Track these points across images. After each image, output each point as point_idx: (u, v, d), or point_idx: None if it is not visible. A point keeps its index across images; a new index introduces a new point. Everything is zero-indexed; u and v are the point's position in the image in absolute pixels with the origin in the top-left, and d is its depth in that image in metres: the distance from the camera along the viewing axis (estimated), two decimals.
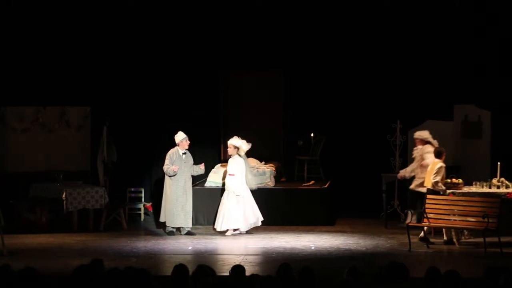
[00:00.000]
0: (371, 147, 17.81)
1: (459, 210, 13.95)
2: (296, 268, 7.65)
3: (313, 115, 18.53)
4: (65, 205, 15.86)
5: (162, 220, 15.67)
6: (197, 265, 7.66)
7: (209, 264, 8.01)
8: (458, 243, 14.20)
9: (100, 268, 7.84)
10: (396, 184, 16.91)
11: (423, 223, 14.11)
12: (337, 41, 18.35)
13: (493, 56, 17.76)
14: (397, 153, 17.40)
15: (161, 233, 15.72)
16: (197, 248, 14.26)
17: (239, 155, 15.75)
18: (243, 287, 7.46)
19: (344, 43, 18.35)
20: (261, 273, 8.39)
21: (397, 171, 16.68)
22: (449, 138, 17.29)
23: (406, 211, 15.09)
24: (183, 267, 7.52)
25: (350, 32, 18.28)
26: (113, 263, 11.40)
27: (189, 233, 15.52)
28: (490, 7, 17.71)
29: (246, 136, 16.17)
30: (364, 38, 18.23)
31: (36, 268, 7.34)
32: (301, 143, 18.27)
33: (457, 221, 13.94)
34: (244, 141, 15.80)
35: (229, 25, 18.42)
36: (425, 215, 14.04)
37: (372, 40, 18.21)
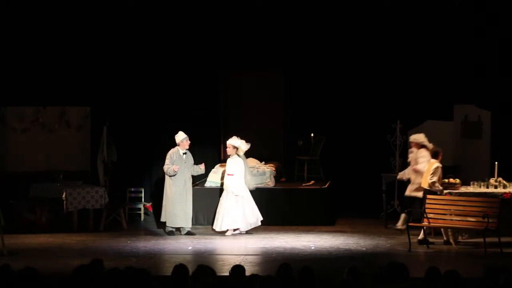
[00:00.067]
0: (371, 147, 17.80)
1: (459, 210, 13.95)
2: (296, 268, 7.65)
3: (313, 115, 18.53)
4: (65, 205, 15.86)
5: (163, 220, 15.68)
6: (197, 265, 7.66)
7: (209, 264, 8.01)
8: (455, 243, 14.19)
9: (100, 268, 7.84)
10: (396, 184, 16.90)
11: (422, 223, 14.11)
12: (337, 41, 18.35)
13: (493, 56, 17.76)
14: (397, 153, 17.40)
15: (161, 233, 15.72)
16: (197, 248, 14.26)
17: (238, 155, 15.75)
18: (243, 287, 7.46)
19: (344, 43, 18.35)
20: (261, 273, 8.39)
21: (397, 171, 16.68)
22: (449, 138, 17.30)
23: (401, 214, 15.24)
24: (183, 267, 7.52)
25: (350, 32, 18.28)
26: (113, 263, 11.40)
27: (189, 233, 15.52)
28: (490, 7, 17.72)
29: (246, 136, 16.18)
30: (364, 38, 18.24)
31: (36, 268, 7.34)
32: (301, 143, 18.27)
33: (457, 221, 13.94)
34: (243, 141, 15.80)
35: (229, 25, 18.42)
36: (424, 215, 14.04)
37: (372, 40, 18.21)
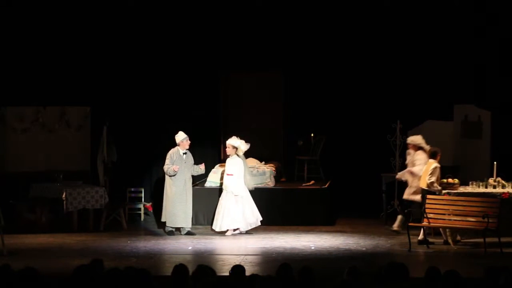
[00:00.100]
0: (371, 147, 17.80)
1: (459, 210, 13.95)
2: (296, 268, 7.65)
3: (313, 115, 18.53)
4: (65, 205, 15.86)
5: (163, 220, 15.67)
6: (197, 265, 7.66)
7: (209, 264, 8.01)
8: (453, 243, 14.19)
9: (100, 268, 7.84)
10: (396, 184, 16.90)
11: (422, 223, 14.12)
12: (337, 41, 18.35)
13: (493, 56, 17.76)
14: (397, 153, 17.40)
15: (161, 233, 15.72)
16: (197, 248, 14.26)
17: (237, 155, 15.74)
18: (243, 287, 7.46)
19: (344, 43, 18.35)
20: (261, 273, 8.39)
21: (397, 171, 16.68)
22: (449, 138, 17.30)
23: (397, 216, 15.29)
24: (183, 267, 7.52)
25: (350, 32, 18.28)
26: (113, 263, 11.40)
27: (189, 233, 15.52)
28: (490, 7, 17.72)
29: (246, 136, 16.18)
30: (364, 38, 18.24)
31: (36, 268, 7.34)
32: (301, 143, 18.27)
33: (457, 221, 13.94)
34: (243, 141, 15.80)
35: (229, 25, 18.42)
36: (424, 215, 14.04)
37: (372, 40, 18.21)
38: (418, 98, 17.86)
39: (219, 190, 16.16)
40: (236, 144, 15.72)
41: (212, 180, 16.82)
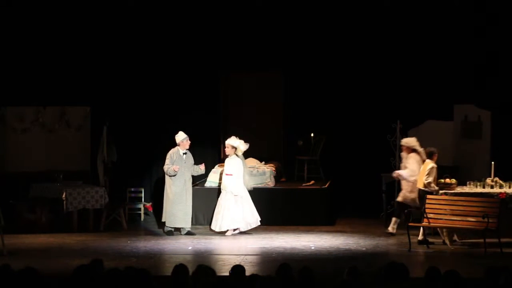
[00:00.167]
0: (371, 147, 17.80)
1: (459, 210, 13.94)
2: (296, 268, 7.65)
3: (313, 115, 18.53)
4: (65, 205, 15.86)
5: (164, 220, 15.67)
6: (197, 265, 7.66)
7: (209, 264, 8.02)
8: (450, 243, 14.19)
9: (100, 268, 7.84)
10: (396, 184, 16.89)
11: (422, 223, 14.11)
12: (337, 41, 18.35)
13: (493, 56, 17.76)
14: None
15: (161, 233, 15.71)
16: (197, 248, 14.26)
17: (236, 155, 15.74)
18: (243, 287, 7.46)
19: (344, 43, 18.35)
20: (261, 273, 8.39)
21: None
22: (449, 138, 17.30)
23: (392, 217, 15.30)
24: (183, 267, 7.52)
25: (350, 32, 18.28)
26: (113, 263, 11.40)
27: (189, 233, 15.52)
28: (490, 7, 17.72)
29: (246, 136, 16.18)
30: (364, 38, 18.24)
31: (36, 268, 7.34)
32: (301, 143, 18.27)
33: (457, 221, 13.93)
34: (242, 141, 15.79)
35: (229, 25, 18.42)
36: (424, 215, 14.04)
37: (372, 40, 18.21)
38: (418, 98, 17.86)
39: (219, 190, 16.15)
40: (235, 144, 15.72)
41: (212, 180, 16.82)
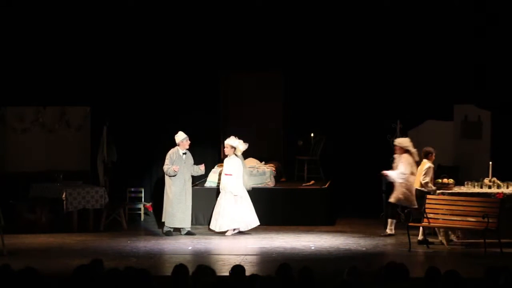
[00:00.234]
0: (371, 147, 17.79)
1: (459, 210, 13.94)
2: (296, 268, 7.65)
3: (313, 115, 18.53)
4: (65, 205, 15.86)
5: (164, 220, 15.66)
6: (197, 265, 7.66)
7: (209, 264, 8.02)
8: (447, 243, 14.19)
9: (100, 268, 7.84)
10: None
11: (422, 223, 14.11)
12: (337, 41, 18.35)
13: (493, 56, 17.76)
14: None
15: (161, 233, 15.71)
16: (197, 248, 14.25)
17: (236, 155, 15.74)
18: (243, 287, 7.46)
19: (344, 43, 18.35)
20: (261, 273, 8.38)
21: None
22: (449, 138, 17.29)
23: (388, 219, 15.29)
24: (183, 267, 7.52)
25: (350, 32, 18.28)
26: (113, 263, 11.40)
27: (189, 233, 15.52)
28: (490, 7, 17.72)
29: (246, 136, 16.17)
30: (364, 38, 18.23)
31: (36, 268, 7.34)
32: (301, 143, 18.27)
33: (457, 221, 13.93)
34: (241, 141, 15.79)
35: (229, 25, 18.42)
36: (425, 215, 14.04)
37: (372, 40, 18.21)
38: (418, 98, 17.86)
39: (218, 190, 16.14)
40: (234, 144, 15.71)
41: (212, 180, 16.82)
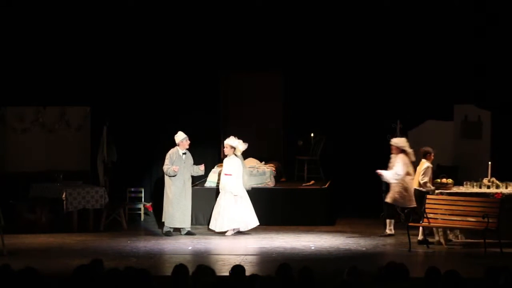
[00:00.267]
0: (371, 147, 17.78)
1: (459, 210, 13.93)
2: (296, 268, 7.65)
3: (313, 115, 18.53)
4: (65, 205, 15.86)
5: (164, 220, 15.66)
6: (197, 265, 7.66)
7: (209, 264, 8.03)
8: (445, 243, 14.19)
9: (100, 268, 7.84)
10: None
11: (422, 223, 14.11)
12: (337, 41, 18.35)
13: (493, 56, 17.76)
14: None
15: (161, 233, 15.71)
16: (197, 248, 14.25)
17: (235, 155, 15.74)
18: (243, 287, 7.46)
19: (344, 43, 18.35)
20: (261, 273, 8.39)
21: None
22: (449, 138, 17.30)
23: (386, 220, 15.29)
24: (183, 267, 7.52)
25: (350, 32, 18.28)
26: (113, 263, 11.41)
27: (189, 233, 15.52)
28: (490, 7, 17.72)
29: (246, 136, 16.17)
30: (364, 38, 18.24)
31: (36, 268, 7.34)
32: (301, 143, 18.27)
33: (457, 221, 13.92)
34: (241, 141, 15.79)
35: (229, 25, 18.42)
36: (425, 215, 14.04)
37: (372, 40, 18.21)
38: (418, 98, 17.86)
39: (218, 190, 16.13)
40: (234, 144, 15.71)
41: (212, 180, 16.82)
